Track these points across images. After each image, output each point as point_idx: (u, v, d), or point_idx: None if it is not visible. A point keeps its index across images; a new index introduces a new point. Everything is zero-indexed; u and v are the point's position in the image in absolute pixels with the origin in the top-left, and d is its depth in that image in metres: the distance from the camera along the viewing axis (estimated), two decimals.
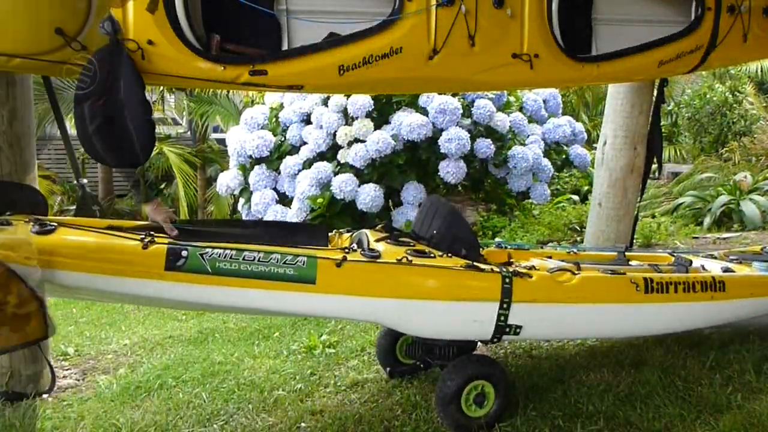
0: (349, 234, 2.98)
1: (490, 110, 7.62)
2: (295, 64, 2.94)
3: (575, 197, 8.75)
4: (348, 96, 7.32)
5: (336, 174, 7.24)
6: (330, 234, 2.99)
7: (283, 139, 7.94)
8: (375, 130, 7.23)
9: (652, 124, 4.70)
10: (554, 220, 7.49)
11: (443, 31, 3.03)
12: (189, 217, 10.39)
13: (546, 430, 2.64)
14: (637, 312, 2.86)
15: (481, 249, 2.96)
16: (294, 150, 7.72)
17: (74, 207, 10.63)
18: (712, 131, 11.51)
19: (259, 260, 2.29)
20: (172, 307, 4.07)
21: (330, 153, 7.46)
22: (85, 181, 3.15)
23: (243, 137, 7.94)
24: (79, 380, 3.63)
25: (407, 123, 7.09)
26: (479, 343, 3.18)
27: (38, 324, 2.00)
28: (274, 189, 7.85)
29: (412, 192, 7.32)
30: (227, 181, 8.27)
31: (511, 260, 3.12)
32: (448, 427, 2.63)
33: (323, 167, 7.25)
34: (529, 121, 8.51)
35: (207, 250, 2.26)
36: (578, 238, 6.97)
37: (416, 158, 7.45)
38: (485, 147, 7.52)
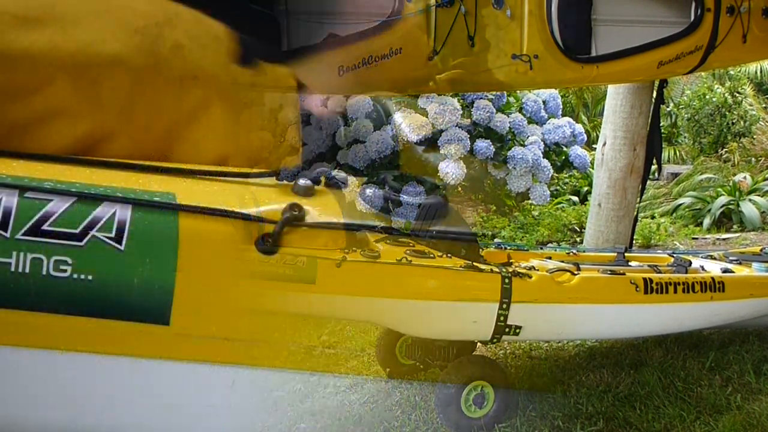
0: None
1: (490, 111, 7.61)
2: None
3: (575, 198, 8.75)
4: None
5: None
6: None
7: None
8: (374, 130, 7.23)
9: (651, 124, 4.70)
10: (554, 221, 7.49)
11: (443, 32, 3.03)
12: None
13: (546, 431, 2.64)
14: (636, 312, 2.86)
15: (480, 250, 2.96)
16: None
17: None
18: (711, 132, 11.50)
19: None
20: None
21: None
22: None
23: None
24: None
25: (407, 124, 7.09)
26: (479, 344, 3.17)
27: None
28: None
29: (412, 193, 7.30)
30: None
31: (511, 261, 3.12)
32: (448, 428, 2.63)
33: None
34: (529, 122, 8.49)
35: None
36: (578, 239, 6.97)
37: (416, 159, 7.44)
38: (485, 148, 7.52)
